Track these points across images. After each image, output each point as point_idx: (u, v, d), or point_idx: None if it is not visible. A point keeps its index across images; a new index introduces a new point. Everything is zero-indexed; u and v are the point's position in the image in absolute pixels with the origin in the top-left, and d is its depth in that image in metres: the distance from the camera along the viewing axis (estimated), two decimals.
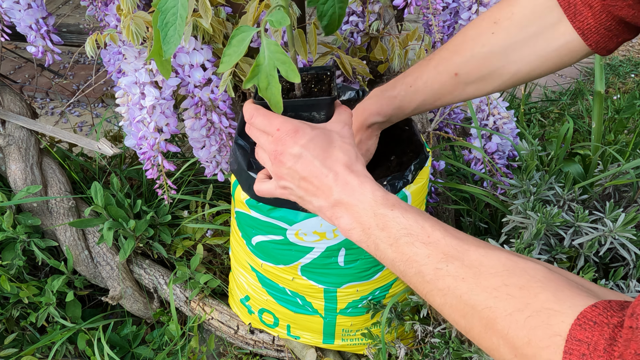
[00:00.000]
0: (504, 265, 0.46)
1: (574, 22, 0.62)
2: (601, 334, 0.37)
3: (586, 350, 0.38)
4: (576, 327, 0.39)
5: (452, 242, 0.50)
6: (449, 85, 0.74)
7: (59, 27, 1.77)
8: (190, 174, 1.47)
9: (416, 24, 2.88)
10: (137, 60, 0.85)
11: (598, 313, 0.39)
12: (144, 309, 1.36)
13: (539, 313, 0.41)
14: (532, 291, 0.43)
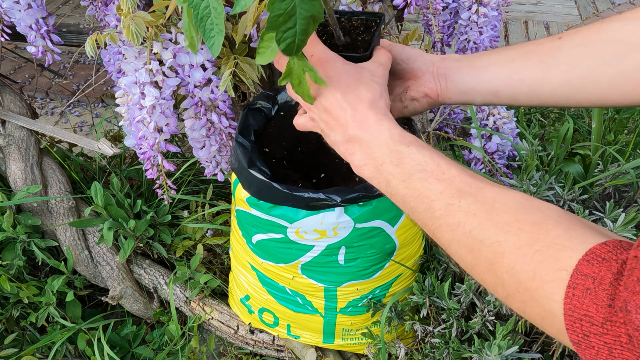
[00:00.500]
0: (518, 202, 0.45)
1: None
2: (609, 269, 0.36)
3: (591, 284, 0.37)
4: (584, 262, 0.38)
5: (467, 180, 0.49)
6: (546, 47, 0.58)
7: (59, 27, 1.77)
8: (190, 174, 1.47)
9: (416, 24, 2.88)
10: (137, 60, 0.85)
11: (607, 250, 0.38)
12: (144, 309, 1.36)
13: (548, 248, 0.40)
14: (544, 227, 0.42)
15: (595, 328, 0.36)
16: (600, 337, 0.36)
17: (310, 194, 0.82)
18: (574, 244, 0.40)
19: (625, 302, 0.34)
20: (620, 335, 0.35)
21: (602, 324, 0.36)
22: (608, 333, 0.35)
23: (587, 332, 0.37)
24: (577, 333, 0.37)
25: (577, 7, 3.00)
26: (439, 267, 1.09)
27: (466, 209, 0.47)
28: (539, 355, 0.98)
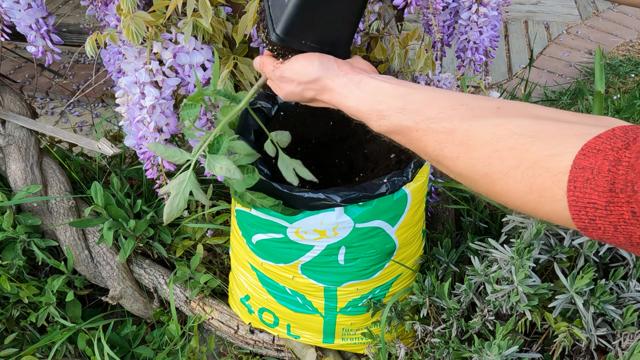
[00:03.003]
0: (491, 133, 0.47)
1: None
2: (605, 158, 0.38)
3: (590, 175, 0.39)
4: (580, 156, 0.40)
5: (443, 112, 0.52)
6: None
7: (59, 26, 1.77)
8: None
9: (416, 24, 2.88)
10: (137, 60, 0.85)
11: (601, 142, 0.39)
12: (144, 309, 1.36)
13: (535, 163, 0.43)
14: (523, 147, 0.44)
15: (600, 212, 0.38)
16: (605, 219, 0.38)
17: (310, 194, 0.82)
18: (561, 150, 0.41)
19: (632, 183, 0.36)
20: (623, 213, 0.37)
21: (605, 207, 0.38)
22: (612, 214, 0.38)
23: (592, 217, 0.39)
24: (583, 220, 0.40)
25: (577, 7, 3.00)
26: (439, 267, 1.09)
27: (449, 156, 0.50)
28: (539, 355, 0.98)
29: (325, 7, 0.62)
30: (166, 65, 0.85)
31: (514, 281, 0.89)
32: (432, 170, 1.27)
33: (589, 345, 0.94)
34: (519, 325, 0.95)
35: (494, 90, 1.37)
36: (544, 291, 0.90)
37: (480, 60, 1.15)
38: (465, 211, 1.35)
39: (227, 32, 0.91)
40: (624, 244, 0.39)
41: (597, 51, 1.23)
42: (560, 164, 0.41)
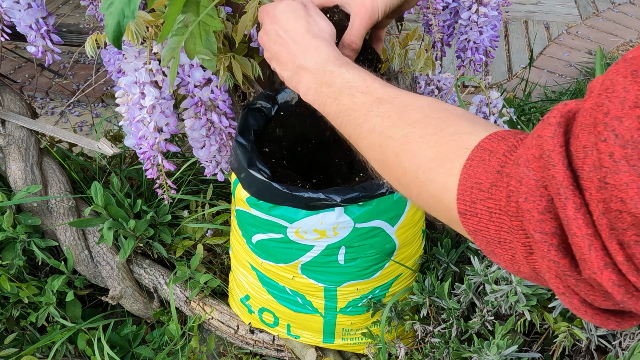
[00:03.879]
0: (429, 104, 0.49)
1: None
2: (505, 143, 0.39)
3: (487, 156, 0.39)
4: (485, 139, 0.41)
5: (388, 91, 0.53)
6: None
7: (59, 26, 1.77)
8: (190, 174, 1.47)
9: (416, 24, 2.88)
10: (137, 60, 0.85)
11: (509, 133, 0.40)
12: (144, 309, 1.36)
13: (452, 135, 0.44)
14: (450, 120, 0.45)
15: (482, 194, 0.38)
16: (484, 202, 0.38)
17: (310, 194, 0.82)
18: (477, 130, 0.43)
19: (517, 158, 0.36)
20: (501, 199, 0.37)
21: (488, 189, 0.38)
22: (492, 197, 0.38)
23: (474, 199, 0.39)
24: (466, 202, 0.39)
25: (577, 7, 3.00)
26: (439, 267, 1.09)
27: (382, 114, 0.50)
28: (539, 355, 0.98)
29: None
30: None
31: (513, 281, 0.89)
32: None
33: (589, 345, 0.94)
34: (518, 325, 0.95)
35: (494, 90, 1.37)
36: (542, 291, 0.91)
37: (480, 60, 1.15)
38: None
39: (227, 31, 0.91)
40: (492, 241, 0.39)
41: (598, 51, 1.23)
42: (469, 141, 0.41)
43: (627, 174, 0.28)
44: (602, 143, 0.30)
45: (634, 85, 0.28)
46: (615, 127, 0.29)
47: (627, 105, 0.28)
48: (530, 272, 0.38)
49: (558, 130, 0.33)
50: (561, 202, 0.32)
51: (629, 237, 0.29)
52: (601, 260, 0.31)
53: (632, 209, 0.28)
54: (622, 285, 0.31)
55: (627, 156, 0.28)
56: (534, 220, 0.34)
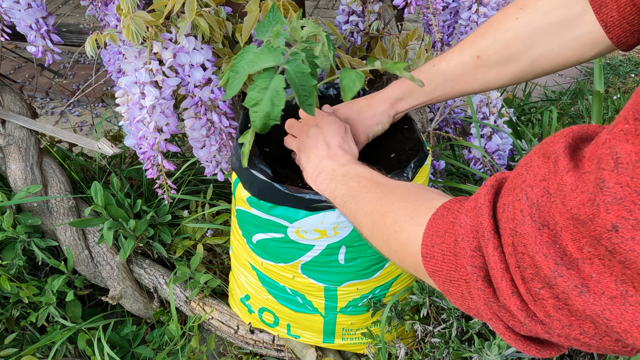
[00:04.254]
0: (412, 185, 0.64)
1: (599, 14, 0.63)
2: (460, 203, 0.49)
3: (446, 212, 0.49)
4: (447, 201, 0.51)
5: (385, 179, 0.68)
6: (471, 68, 0.77)
7: (59, 26, 1.77)
8: (190, 174, 1.47)
9: (416, 24, 2.88)
10: (137, 60, 0.85)
11: (465, 198, 0.50)
12: (144, 309, 1.36)
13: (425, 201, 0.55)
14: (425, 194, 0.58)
15: (439, 239, 0.48)
16: (439, 246, 0.47)
17: (311, 196, 0.82)
18: (444, 199, 0.53)
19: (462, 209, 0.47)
20: (450, 242, 0.46)
21: (443, 235, 0.47)
22: (445, 242, 0.47)
23: (434, 243, 0.48)
24: (427, 246, 0.49)
25: None
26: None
27: (378, 191, 0.64)
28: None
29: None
30: (166, 65, 0.86)
31: None
32: (432, 170, 1.27)
33: None
34: None
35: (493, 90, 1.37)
36: None
37: None
38: None
39: (227, 31, 0.91)
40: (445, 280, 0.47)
41: None
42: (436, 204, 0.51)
43: (529, 226, 0.37)
44: (517, 202, 0.39)
45: (544, 164, 0.38)
46: (528, 192, 0.38)
47: (538, 178, 0.38)
48: (474, 306, 0.46)
49: (490, 190, 0.44)
50: (484, 242, 0.41)
51: (528, 274, 0.38)
52: (509, 289, 0.40)
53: (530, 252, 0.37)
54: (524, 310, 0.39)
55: (532, 214, 0.37)
56: (467, 256, 0.43)
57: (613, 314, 0.33)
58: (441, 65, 0.80)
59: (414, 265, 0.52)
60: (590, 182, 0.33)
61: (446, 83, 0.80)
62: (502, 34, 0.73)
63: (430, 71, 0.81)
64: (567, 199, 0.34)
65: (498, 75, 0.76)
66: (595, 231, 0.32)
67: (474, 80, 0.78)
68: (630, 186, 0.30)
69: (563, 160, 0.36)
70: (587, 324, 0.36)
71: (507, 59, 0.74)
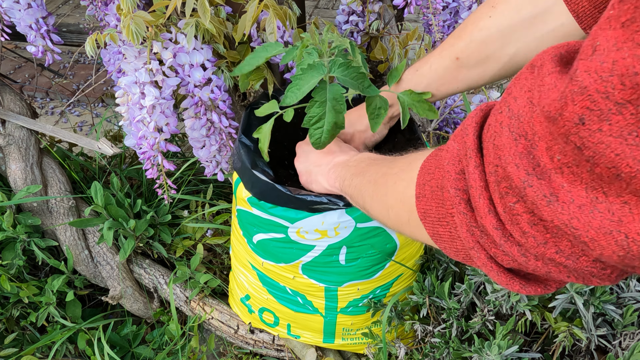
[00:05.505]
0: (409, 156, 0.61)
1: (569, 4, 0.63)
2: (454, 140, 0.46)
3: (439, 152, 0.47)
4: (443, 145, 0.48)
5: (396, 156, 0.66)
6: (452, 70, 0.77)
7: (59, 26, 1.77)
8: (190, 174, 1.47)
9: (416, 24, 2.88)
10: (137, 60, 0.85)
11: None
12: (144, 309, 1.36)
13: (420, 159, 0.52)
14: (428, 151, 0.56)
15: (429, 176, 0.46)
16: (429, 182, 0.46)
17: (313, 197, 0.82)
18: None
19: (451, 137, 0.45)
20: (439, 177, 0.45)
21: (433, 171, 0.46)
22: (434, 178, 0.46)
23: (424, 181, 0.47)
24: (419, 184, 0.48)
25: None
26: (439, 267, 1.09)
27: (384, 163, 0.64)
28: (539, 355, 0.98)
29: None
30: (166, 65, 0.85)
31: None
32: None
33: (589, 345, 0.94)
34: (519, 325, 0.95)
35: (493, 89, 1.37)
36: None
37: None
38: None
39: (228, 31, 0.91)
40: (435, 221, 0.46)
41: None
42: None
43: (506, 138, 0.36)
44: (499, 114, 0.37)
45: (530, 75, 0.36)
46: (511, 104, 0.36)
47: (524, 90, 0.36)
48: (462, 245, 0.44)
49: (479, 113, 0.42)
50: (466, 160, 0.40)
51: (502, 188, 0.36)
52: (486, 207, 0.38)
53: (504, 163, 0.36)
54: (500, 229, 0.38)
55: (510, 125, 0.36)
56: (451, 179, 0.41)
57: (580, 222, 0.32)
58: (424, 69, 0.81)
59: (408, 216, 0.51)
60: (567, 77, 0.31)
61: (431, 86, 0.81)
62: (477, 33, 0.73)
63: (415, 76, 0.82)
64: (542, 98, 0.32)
65: (480, 75, 0.76)
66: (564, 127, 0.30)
67: (457, 81, 0.78)
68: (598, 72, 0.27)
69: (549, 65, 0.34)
70: (563, 242, 0.34)
71: (486, 58, 0.74)
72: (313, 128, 0.73)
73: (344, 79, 0.73)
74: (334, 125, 0.73)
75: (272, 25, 0.84)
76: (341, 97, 0.73)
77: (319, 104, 0.73)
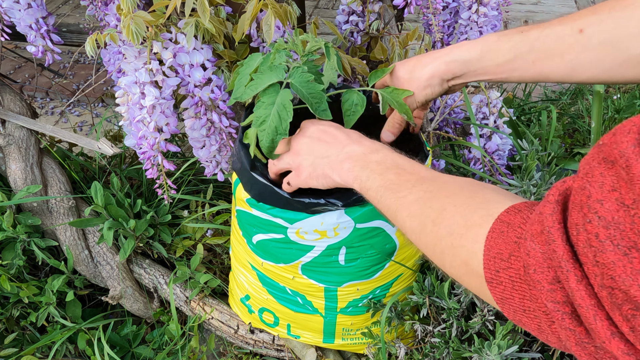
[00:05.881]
0: (465, 180, 0.55)
1: None
2: (520, 215, 0.43)
3: (505, 228, 0.43)
4: (504, 213, 0.44)
5: (430, 172, 0.61)
6: (566, 43, 0.62)
7: (59, 26, 1.77)
8: (190, 174, 1.47)
9: (416, 24, 2.88)
10: (137, 60, 0.85)
11: (525, 205, 0.44)
12: (144, 309, 1.36)
13: (480, 203, 0.49)
14: (481, 192, 0.51)
15: (504, 263, 0.41)
16: (506, 271, 0.41)
17: (312, 200, 0.81)
18: (503, 199, 0.47)
19: (525, 233, 0.40)
20: (519, 268, 0.40)
21: (507, 259, 0.41)
22: (512, 267, 0.41)
23: (498, 267, 0.42)
24: (491, 270, 0.42)
25: (577, 6, 3.01)
26: (439, 267, 1.09)
27: (424, 189, 0.56)
28: (539, 355, 0.98)
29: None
30: (166, 65, 0.85)
31: None
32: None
33: None
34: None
35: (493, 90, 1.37)
36: None
37: None
38: None
39: (227, 31, 0.91)
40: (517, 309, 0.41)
41: None
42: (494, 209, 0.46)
43: (613, 253, 0.31)
44: (588, 224, 0.33)
45: (609, 171, 0.32)
46: (598, 210, 0.32)
47: (605, 189, 0.32)
48: (557, 341, 0.39)
49: (556, 207, 0.36)
50: (564, 274, 0.34)
51: (626, 312, 0.31)
52: (607, 329, 0.32)
53: (622, 286, 0.30)
54: (633, 354, 0.32)
55: (611, 236, 0.31)
56: (544, 291, 0.36)
57: None
58: (532, 33, 0.65)
59: (477, 286, 0.46)
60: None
61: (529, 55, 0.65)
62: (620, 12, 0.57)
63: (515, 37, 0.66)
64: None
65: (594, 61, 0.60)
66: None
67: (564, 59, 0.62)
68: None
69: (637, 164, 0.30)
70: None
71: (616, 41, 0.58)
72: (260, 129, 0.71)
73: (300, 90, 0.71)
74: (275, 130, 0.70)
75: (270, 23, 0.83)
76: (289, 105, 0.70)
77: (266, 105, 0.70)
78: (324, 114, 0.72)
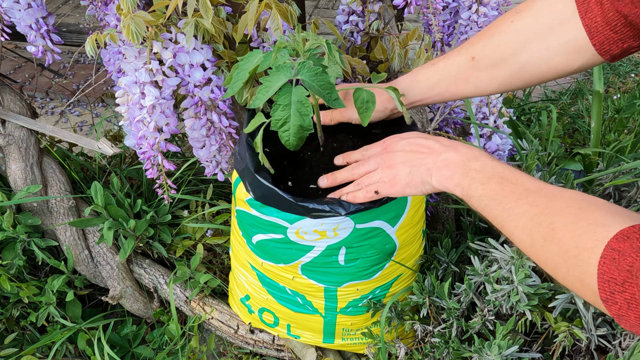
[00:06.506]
0: (571, 196, 0.58)
1: (584, 18, 0.64)
2: (630, 245, 0.48)
3: (617, 255, 0.48)
4: (613, 239, 0.49)
5: (534, 182, 0.63)
6: (465, 69, 0.78)
7: (59, 26, 1.77)
8: (190, 174, 1.47)
9: (416, 24, 2.88)
10: (137, 60, 0.85)
11: (633, 231, 0.49)
12: (144, 309, 1.36)
13: (589, 225, 0.52)
14: (589, 211, 0.54)
15: (618, 287, 0.47)
16: (621, 294, 0.47)
17: (315, 205, 0.81)
18: (610, 222, 0.51)
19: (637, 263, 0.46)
20: (634, 292, 0.46)
21: (622, 284, 0.47)
22: (626, 291, 0.47)
23: (613, 290, 0.48)
24: (606, 292, 0.48)
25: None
26: (439, 267, 1.09)
27: (531, 202, 0.60)
28: (539, 355, 0.98)
29: None
30: (166, 65, 0.86)
31: (514, 281, 0.89)
32: None
33: (589, 345, 0.94)
34: (519, 325, 0.95)
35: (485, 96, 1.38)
36: (544, 291, 0.90)
37: None
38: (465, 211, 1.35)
39: (228, 31, 0.91)
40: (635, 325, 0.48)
41: None
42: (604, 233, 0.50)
43: None
44: None
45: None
46: None
47: None
48: None
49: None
50: None
51: None
52: None
53: None
54: None
55: None
56: None
57: None
58: (439, 64, 0.81)
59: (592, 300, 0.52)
60: None
61: (442, 82, 0.81)
62: (497, 37, 0.74)
63: (430, 69, 0.82)
64: None
65: (489, 79, 0.76)
66: None
67: (468, 82, 0.79)
68: None
69: None
70: None
71: (499, 61, 0.74)
72: (281, 131, 0.73)
73: (311, 84, 0.72)
74: (300, 128, 0.72)
75: (277, 22, 0.84)
76: (306, 100, 0.71)
77: (283, 107, 0.71)
78: (336, 103, 0.73)
